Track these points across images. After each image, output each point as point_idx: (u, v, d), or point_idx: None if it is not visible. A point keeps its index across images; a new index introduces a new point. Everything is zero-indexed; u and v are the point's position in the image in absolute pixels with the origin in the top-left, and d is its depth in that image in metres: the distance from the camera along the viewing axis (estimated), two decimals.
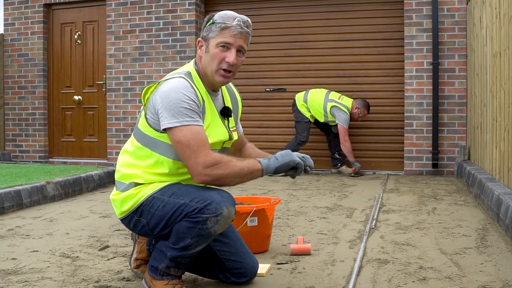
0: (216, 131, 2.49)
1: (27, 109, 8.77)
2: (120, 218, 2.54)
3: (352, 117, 7.12)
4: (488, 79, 5.32)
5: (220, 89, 2.62)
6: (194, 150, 2.29)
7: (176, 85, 2.36)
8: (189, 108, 2.32)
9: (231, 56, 2.44)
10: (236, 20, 2.46)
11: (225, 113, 2.58)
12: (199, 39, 2.51)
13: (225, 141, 2.56)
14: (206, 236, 2.33)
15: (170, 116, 2.32)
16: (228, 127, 2.59)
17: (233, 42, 2.44)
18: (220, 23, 2.44)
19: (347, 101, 7.10)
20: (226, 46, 2.44)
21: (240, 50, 2.48)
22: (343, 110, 7.02)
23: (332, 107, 7.04)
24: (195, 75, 2.49)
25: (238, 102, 2.76)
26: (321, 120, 7.20)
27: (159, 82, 2.43)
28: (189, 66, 2.54)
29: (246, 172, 2.34)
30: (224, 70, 2.45)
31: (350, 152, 7.10)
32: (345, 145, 7.05)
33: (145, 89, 2.46)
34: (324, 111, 7.09)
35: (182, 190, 2.39)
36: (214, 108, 2.52)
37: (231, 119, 2.64)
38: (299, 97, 7.26)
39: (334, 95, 7.13)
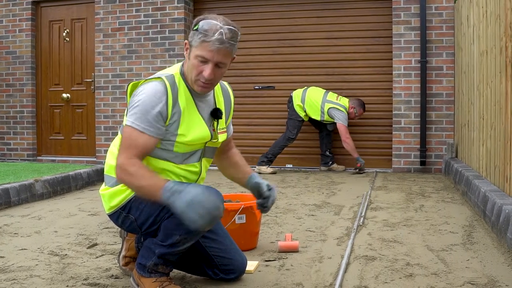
0: (195, 129, 2.47)
1: (15, 107, 8.73)
2: (108, 214, 2.55)
3: (348, 117, 7.15)
4: (475, 77, 5.36)
5: (212, 91, 2.60)
6: (122, 148, 2.33)
7: (149, 89, 2.37)
8: (149, 115, 2.33)
9: (207, 71, 2.37)
10: (218, 33, 2.32)
11: (215, 114, 2.57)
12: (186, 41, 2.46)
13: (207, 141, 2.55)
14: (195, 232, 2.34)
15: (130, 115, 2.36)
16: (216, 128, 2.58)
17: (210, 58, 2.35)
18: (201, 33, 2.34)
19: (344, 101, 7.13)
20: (203, 61, 2.37)
21: (218, 65, 2.39)
22: (341, 110, 7.05)
23: (330, 108, 7.06)
24: (179, 77, 2.47)
25: (231, 101, 2.75)
26: (318, 119, 7.21)
27: (144, 80, 2.44)
28: (176, 68, 2.52)
29: (143, 188, 2.28)
30: (202, 81, 2.42)
31: (353, 149, 7.10)
32: (348, 143, 7.05)
33: (130, 85, 2.48)
34: (321, 111, 7.11)
35: None
36: (195, 109, 2.49)
37: (221, 120, 2.63)
38: (296, 96, 7.24)
39: (331, 96, 7.14)
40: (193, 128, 2.47)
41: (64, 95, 8.59)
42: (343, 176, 6.88)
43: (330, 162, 7.46)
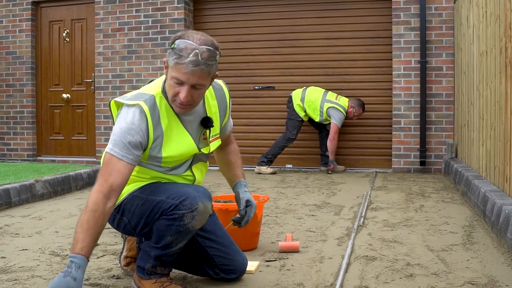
0: (180, 146, 2.44)
1: (15, 107, 8.73)
2: None
3: (347, 116, 7.17)
4: (474, 78, 5.37)
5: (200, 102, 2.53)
6: (100, 175, 2.27)
7: (126, 117, 2.32)
8: (126, 143, 2.28)
9: (183, 93, 2.29)
10: (192, 54, 2.24)
11: (204, 124, 2.53)
12: (164, 59, 2.37)
13: (195, 153, 2.53)
14: (185, 232, 2.35)
15: (110, 142, 2.32)
16: (208, 137, 2.56)
17: (185, 80, 2.27)
18: (176, 54, 2.26)
19: (344, 101, 7.14)
20: (178, 83, 2.29)
21: (195, 87, 2.31)
22: (340, 110, 7.06)
23: (329, 108, 7.07)
24: (160, 97, 2.40)
25: (226, 100, 2.68)
26: (316, 119, 7.21)
27: (122, 103, 2.39)
28: (157, 86, 2.46)
29: (75, 232, 2.18)
30: (179, 103, 2.35)
31: (333, 151, 7.14)
32: (333, 143, 7.08)
33: (112, 103, 2.46)
34: (320, 111, 7.12)
35: (161, 187, 2.42)
36: (180, 125, 2.45)
37: (213, 128, 2.59)
38: (296, 96, 7.25)
39: (331, 96, 7.15)
40: (178, 145, 2.44)
41: (64, 95, 8.59)
42: (343, 176, 6.89)
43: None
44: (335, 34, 7.69)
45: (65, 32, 8.60)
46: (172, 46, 2.30)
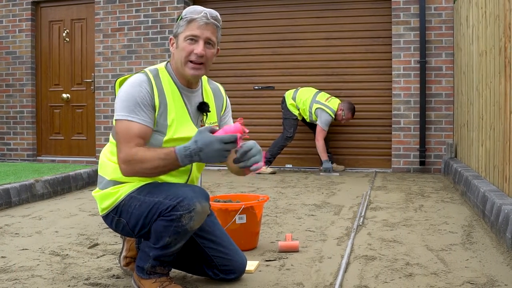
0: (183, 127, 2.49)
1: (15, 107, 8.74)
2: (102, 216, 2.56)
3: (336, 118, 7.16)
4: (474, 78, 5.37)
5: (200, 86, 2.62)
6: (120, 144, 2.36)
7: (132, 80, 2.42)
8: (135, 103, 2.36)
9: (198, 47, 2.43)
10: (203, 13, 2.45)
11: (201, 108, 2.58)
12: (171, 37, 2.53)
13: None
14: (183, 233, 2.35)
15: (118, 109, 2.39)
16: (203, 122, 2.59)
17: (199, 34, 2.43)
18: (186, 17, 2.45)
19: (334, 103, 7.12)
20: (193, 39, 2.44)
21: (208, 42, 2.47)
22: (327, 112, 7.04)
23: (317, 109, 7.07)
24: (162, 71, 2.51)
25: (223, 99, 2.75)
26: (308, 119, 7.24)
27: (128, 75, 2.50)
28: (161, 64, 2.58)
29: (159, 166, 2.31)
30: (193, 62, 2.45)
31: (322, 152, 7.12)
32: (318, 144, 7.09)
33: (118, 81, 2.51)
34: (309, 112, 7.13)
35: (158, 188, 2.41)
36: (183, 104, 2.51)
37: (211, 114, 2.63)
38: (288, 95, 7.28)
39: (321, 97, 7.15)
40: (180, 125, 2.48)
41: (64, 95, 8.60)
42: (342, 176, 6.90)
43: (330, 162, 7.46)
44: (334, 34, 7.70)
45: (65, 32, 8.60)
46: (180, 17, 2.48)
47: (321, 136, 7.08)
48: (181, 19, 2.47)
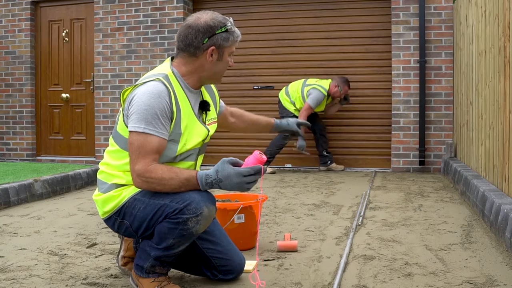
0: (195, 131, 2.49)
1: (14, 107, 8.73)
2: (103, 219, 2.55)
3: (334, 97, 7.13)
4: (473, 77, 5.37)
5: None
6: (137, 156, 2.31)
7: (151, 89, 2.35)
8: (154, 116, 2.32)
9: (232, 60, 2.58)
10: (233, 25, 2.51)
11: (203, 106, 2.59)
12: (213, 47, 2.46)
13: (204, 138, 2.56)
14: (188, 236, 2.34)
15: (135, 120, 2.32)
16: (204, 120, 2.60)
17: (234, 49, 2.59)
18: (233, 32, 2.50)
19: (325, 82, 7.11)
20: (232, 54, 2.56)
21: None
22: (319, 90, 7.01)
23: (308, 90, 7.04)
24: (172, 77, 2.47)
25: (214, 91, 2.79)
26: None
27: (136, 84, 2.42)
28: (166, 68, 2.51)
29: (179, 188, 2.33)
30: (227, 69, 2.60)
31: (302, 115, 6.98)
32: (302, 114, 6.97)
33: (123, 91, 2.47)
34: (302, 97, 7.10)
35: None
36: (190, 108, 2.50)
37: (210, 112, 2.65)
38: (281, 94, 7.31)
39: (311, 80, 7.18)
40: (193, 130, 2.48)
41: (64, 95, 8.59)
42: (342, 176, 6.89)
43: (329, 162, 7.45)
44: (334, 34, 7.69)
45: (65, 31, 8.60)
46: (223, 29, 2.46)
47: (304, 114, 6.98)
48: (226, 31, 2.47)
